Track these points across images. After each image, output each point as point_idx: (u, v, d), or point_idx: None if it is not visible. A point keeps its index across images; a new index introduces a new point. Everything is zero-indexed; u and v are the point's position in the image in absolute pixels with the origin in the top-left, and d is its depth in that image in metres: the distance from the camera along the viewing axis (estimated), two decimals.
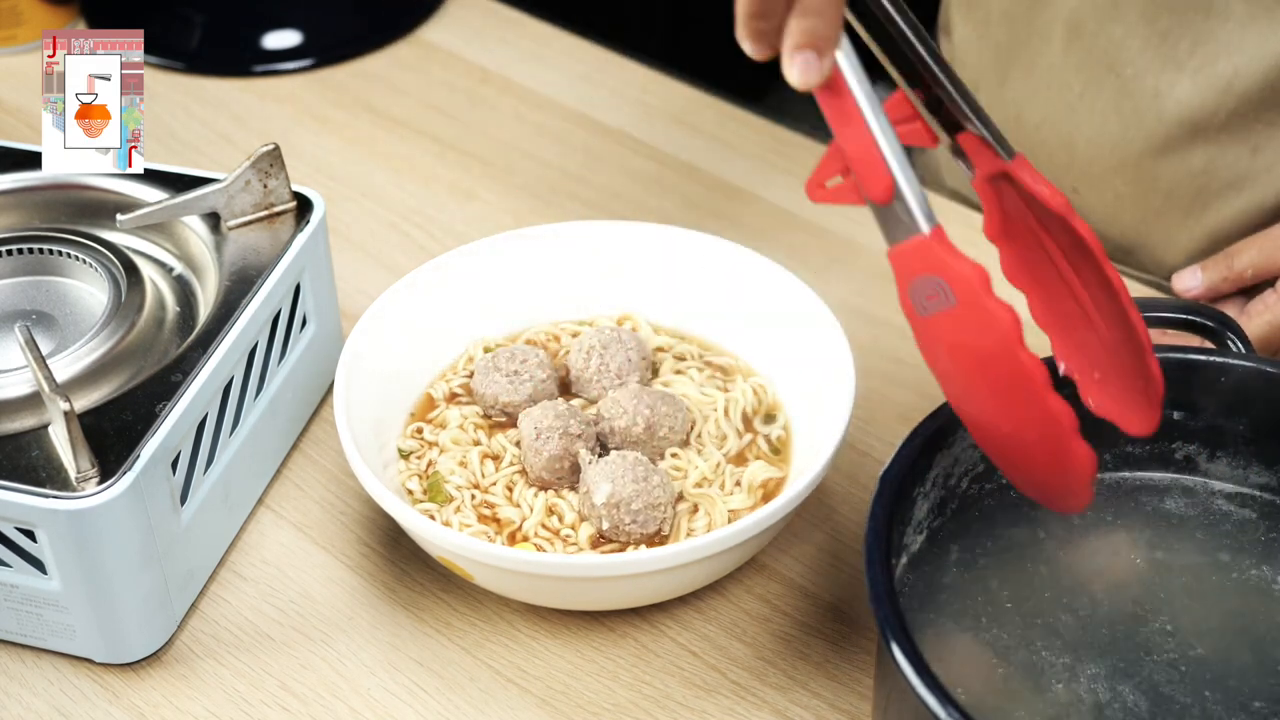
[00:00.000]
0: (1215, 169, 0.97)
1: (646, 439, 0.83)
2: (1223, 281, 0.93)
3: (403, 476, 0.84)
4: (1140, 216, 1.02)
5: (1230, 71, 0.93)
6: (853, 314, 0.94)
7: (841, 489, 0.88)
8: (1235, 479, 0.76)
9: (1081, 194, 1.04)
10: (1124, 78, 0.97)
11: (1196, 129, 0.96)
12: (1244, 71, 0.93)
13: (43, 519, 0.74)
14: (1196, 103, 0.95)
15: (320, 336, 0.92)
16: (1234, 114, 0.95)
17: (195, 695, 0.79)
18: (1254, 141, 0.95)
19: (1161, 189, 1.00)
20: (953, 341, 0.64)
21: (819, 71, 0.62)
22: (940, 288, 0.63)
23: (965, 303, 0.63)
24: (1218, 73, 0.94)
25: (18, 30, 1.24)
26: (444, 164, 1.14)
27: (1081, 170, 1.03)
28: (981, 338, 0.63)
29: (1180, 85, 0.95)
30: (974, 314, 0.63)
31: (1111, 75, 0.97)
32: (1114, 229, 1.04)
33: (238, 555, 0.86)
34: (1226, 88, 0.94)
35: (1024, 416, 0.65)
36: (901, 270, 0.65)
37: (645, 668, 0.80)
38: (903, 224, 0.64)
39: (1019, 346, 0.63)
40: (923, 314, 0.64)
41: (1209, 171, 0.97)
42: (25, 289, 0.88)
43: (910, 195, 0.64)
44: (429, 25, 1.29)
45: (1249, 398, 0.74)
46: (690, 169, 1.13)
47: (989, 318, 0.63)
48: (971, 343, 0.64)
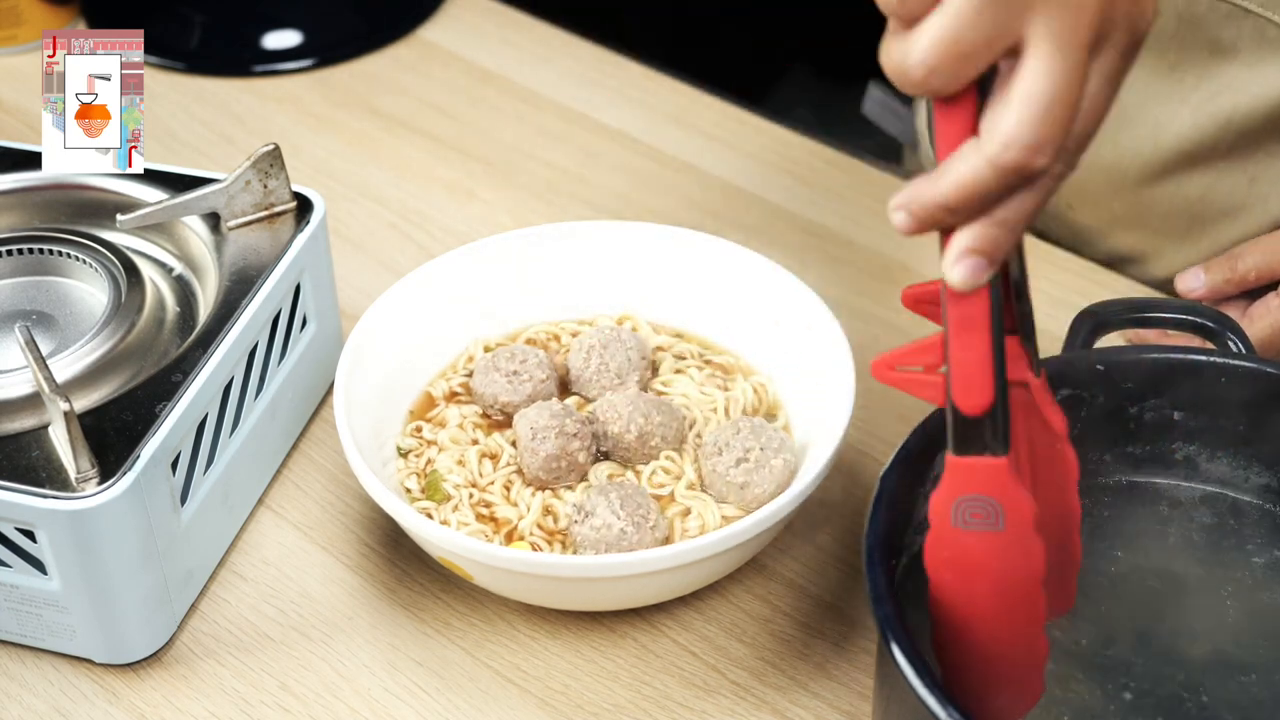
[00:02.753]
0: (1212, 197, 0.97)
1: (638, 446, 0.83)
2: (1226, 283, 0.93)
3: (401, 475, 0.84)
4: (1136, 236, 1.02)
5: (1230, 108, 0.93)
6: (853, 314, 0.94)
7: (841, 489, 0.88)
8: (1235, 479, 0.76)
9: (1077, 210, 1.04)
10: (1125, 105, 0.97)
11: (1194, 159, 0.96)
12: (1244, 109, 0.93)
13: (43, 519, 0.74)
14: (1195, 136, 0.95)
15: (320, 336, 0.92)
16: (1233, 146, 0.94)
17: (195, 695, 0.79)
18: (1251, 171, 0.95)
19: (1158, 213, 0.99)
20: (981, 561, 0.63)
21: (982, 280, 0.59)
22: (993, 510, 0.62)
23: (1014, 532, 0.63)
24: (1218, 108, 0.93)
25: (18, 30, 1.24)
26: (444, 164, 1.14)
27: (1077, 189, 1.03)
28: (1014, 567, 0.63)
29: (1180, 118, 0.95)
30: (1018, 545, 0.63)
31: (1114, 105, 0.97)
32: (1109, 243, 1.04)
33: (238, 555, 0.86)
34: (1226, 123, 0.94)
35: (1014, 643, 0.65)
36: (957, 481, 0.63)
37: (645, 668, 0.80)
38: (981, 440, 0.62)
39: (1040, 584, 0.63)
40: (961, 527, 0.63)
41: (1205, 200, 0.97)
42: (25, 289, 0.88)
43: (1001, 417, 0.61)
44: (429, 25, 1.29)
45: (1249, 398, 0.74)
46: (690, 169, 1.13)
47: (1030, 551, 0.63)
48: (1003, 568, 0.63)
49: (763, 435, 0.81)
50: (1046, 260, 1.05)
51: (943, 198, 0.58)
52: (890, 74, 0.58)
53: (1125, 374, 0.75)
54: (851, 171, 1.13)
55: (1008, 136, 0.56)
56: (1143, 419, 0.76)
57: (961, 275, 0.58)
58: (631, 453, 0.83)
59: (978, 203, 0.58)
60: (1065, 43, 0.56)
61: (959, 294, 0.60)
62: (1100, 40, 0.57)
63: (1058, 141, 0.57)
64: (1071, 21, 0.56)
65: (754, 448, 0.80)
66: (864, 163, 1.14)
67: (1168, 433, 0.76)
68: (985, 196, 0.57)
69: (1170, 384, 0.75)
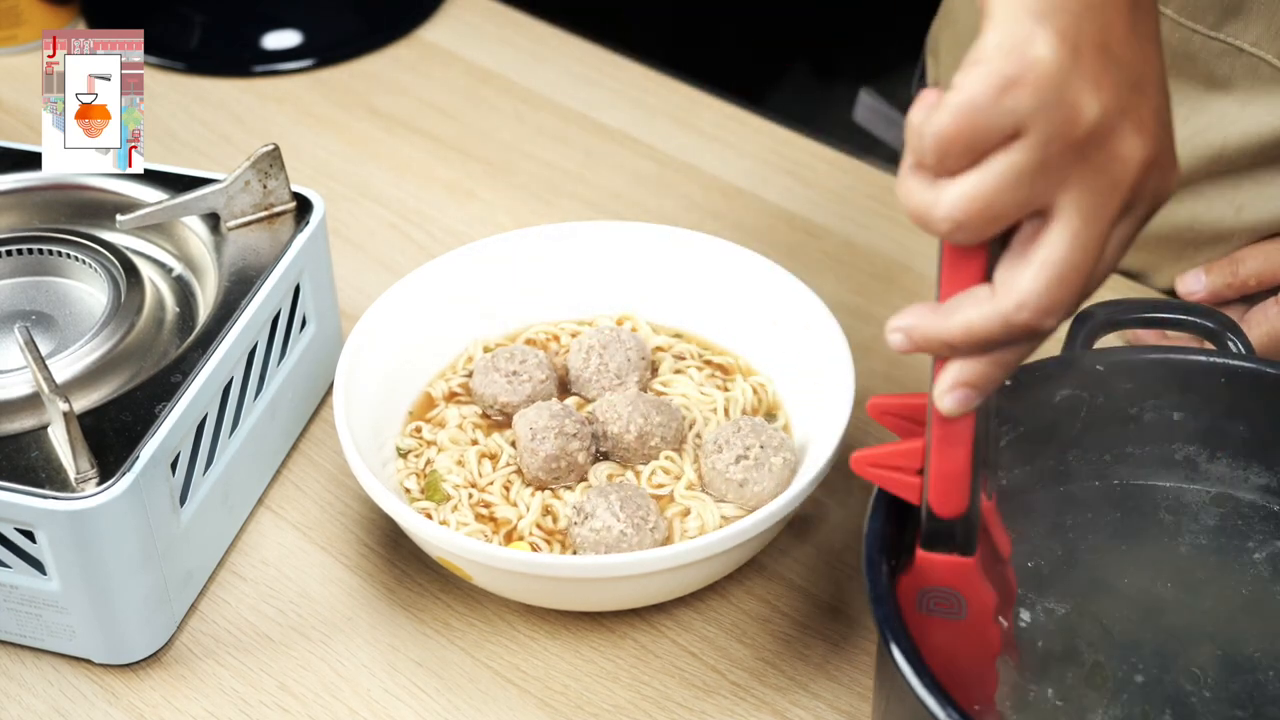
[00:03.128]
0: (1200, 225, 0.97)
1: (637, 447, 0.83)
2: (1226, 288, 0.93)
3: (401, 475, 0.84)
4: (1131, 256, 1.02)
5: (1221, 141, 0.93)
6: (852, 314, 0.94)
7: (841, 489, 0.88)
8: (1235, 480, 0.76)
9: None
10: None
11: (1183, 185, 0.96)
12: (1235, 143, 0.93)
13: (42, 520, 0.74)
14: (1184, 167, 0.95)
15: (320, 337, 0.92)
16: (1221, 175, 0.95)
17: (195, 696, 0.79)
18: (1239, 201, 0.95)
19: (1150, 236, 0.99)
20: (941, 642, 0.66)
21: (972, 407, 0.61)
22: (957, 601, 0.67)
23: (974, 621, 0.67)
24: (1209, 142, 0.94)
25: (18, 30, 1.24)
26: (444, 164, 1.14)
27: None
28: (969, 649, 0.68)
29: None
30: (977, 631, 0.67)
31: None
32: None
33: (237, 556, 0.86)
34: (1216, 156, 0.94)
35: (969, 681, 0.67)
36: (926, 573, 0.66)
37: (645, 669, 0.80)
38: (951, 540, 0.65)
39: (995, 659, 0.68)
40: (923, 611, 0.67)
41: (1193, 227, 0.97)
42: (25, 289, 0.88)
43: (974, 522, 0.65)
44: (429, 25, 1.29)
45: (1249, 399, 0.74)
46: (690, 169, 1.13)
47: (987, 638, 0.68)
48: (959, 647, 0.67)
49: (763, 434, 0.81)
50: None
51: (949, 336, 0.59)
52: (909, 211, 0.58)
53: (1125, 374, 0.75)
54: (851, 171, 1.13)
55: (1024, 297, 0.57)
56: (1143, 419, 0.76)
57: (952, 404, 0.61)
58: (631, 453, 0.83)
59: (980, 348, 0.59)
60: (1095, 217, 0.57)
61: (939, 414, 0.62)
62: (1125, 212, 0.59)
63: (1070, 306, 0.59)
64: (1105, 198, 0.57)
65: (754, 446, 0.80)
66: (864, 163, 1.14)
67: (1168, 433, 0.76)
68: (989, 345, 0.59)
69: (1170, 384, 0.75)
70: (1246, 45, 0.90)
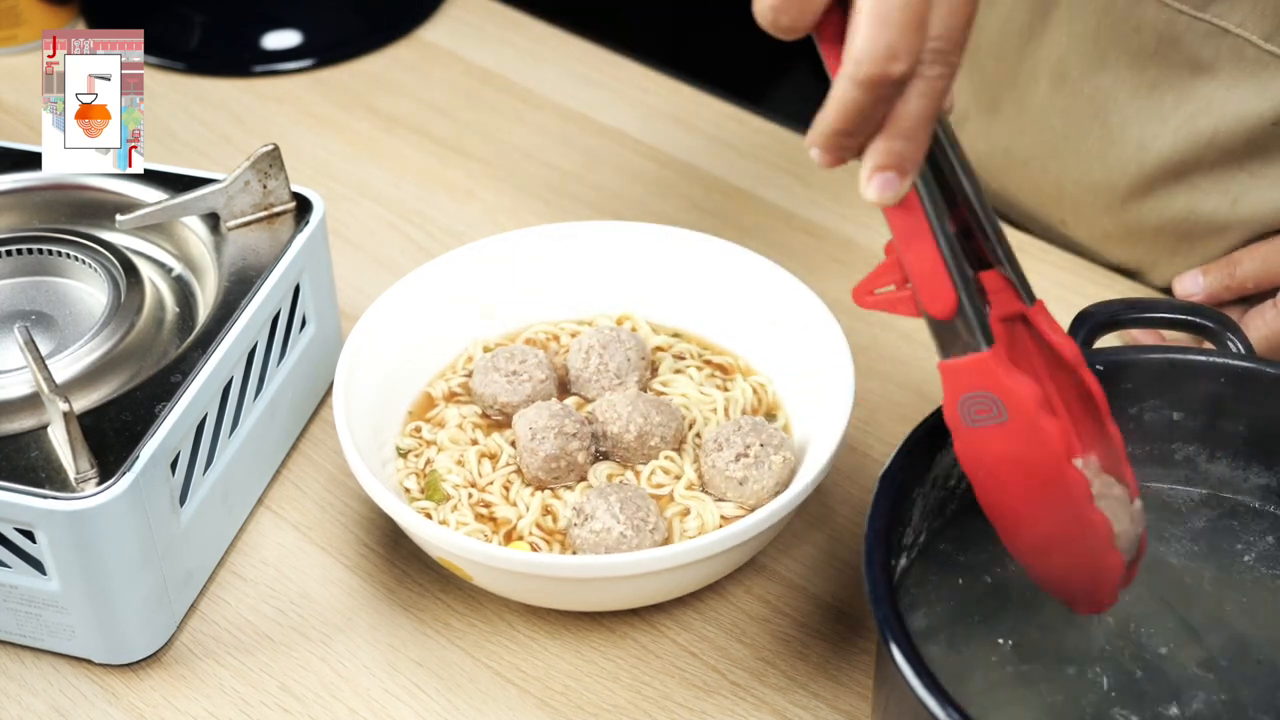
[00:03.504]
0: (1196, 217, 0.97)
1: (637, 446, 0.83)
2: (1224, 290, 0.94)
3: (400, 475, 0.84)
4: (1128, 251, 1.02)
5: (1211, 128, 0.93)
6: (852, 314, 0.94)
7: (841, 489, 0.88)
8: (1235, 480, 0.76)
9: (1071, 227, 1.04)
10: (1109, 126, 0.97)
11: (1179, 175, 0.96)
12: (1224, 130, 0.93)
13: (42, 519, 0.74)
14: (1178, 157, 0.95)
15: (320, 336, 0.92)
16: (1215, 164, 0.95)
17: (195, 695, 0.79)
18: (1234, 192, 0.95)
19: (1148, 229, 1.00)
20: (999, 453, 0.65)
21: (898, 193, 0.62)
22: (993, 403, 0.65)
23: (1017, 419, 0.64)
24: (1199, 129, 0.94)
25: (18, 30, 1.24)
26: (444, 164, 1.14)
27: (1070, 207, 1.03)
28: (1031, 452, 0.65)
29: (1163, 138, 0.95)
30: (1026, 430, 0.65)
31: (1097, 123, 0.98)
32: (1103, 258, 1.04)
33: (237, 555, 0.86)
34: (1208, 143, 0.94)
35: (1064, 526, 0.66)
36: (953, 383, 0.66)
37: (645, 668, 0.80)
38: (960, 340, 0.65)
39: (1067, 462, 0.65)
40: (971, 425, 0.66)
41: (1190, 220, 0.97)
42: (25, 289, 0.88)
43: (971, 313, 0.64)
44: (429, 25, 1.29)
45: (1249, 398, 0.74)
46: (690, 169, 1.13)
47: (1041, 434, 0.64)
48: (1019, 455, 0.65)
49: (763, 433, 0.81)
50: (1046, 260, 1.05)
51: (831, 123, 0.61)
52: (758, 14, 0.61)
53: (1125, 374, 0.75)
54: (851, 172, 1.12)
55: (858, 52, 0.59)
56: (1143, 419, 0.76)
57: (877, 191, 0.62)
58: (631, 453, 0.83)
59: (863, 120, 0.61)
60: None
61: (894, 212, 0.63)
62: None
63: (910, 44, 0.59)
64: None
65: (754, 444, 0.81)
66: None
67: (1168, 433, 0.76)
68: (865, 112, 0.60)
69: (1170, 384, 0.75)
70: (1231, 26, 0.90)
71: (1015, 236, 1.06)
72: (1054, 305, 0.96)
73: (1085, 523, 0.66)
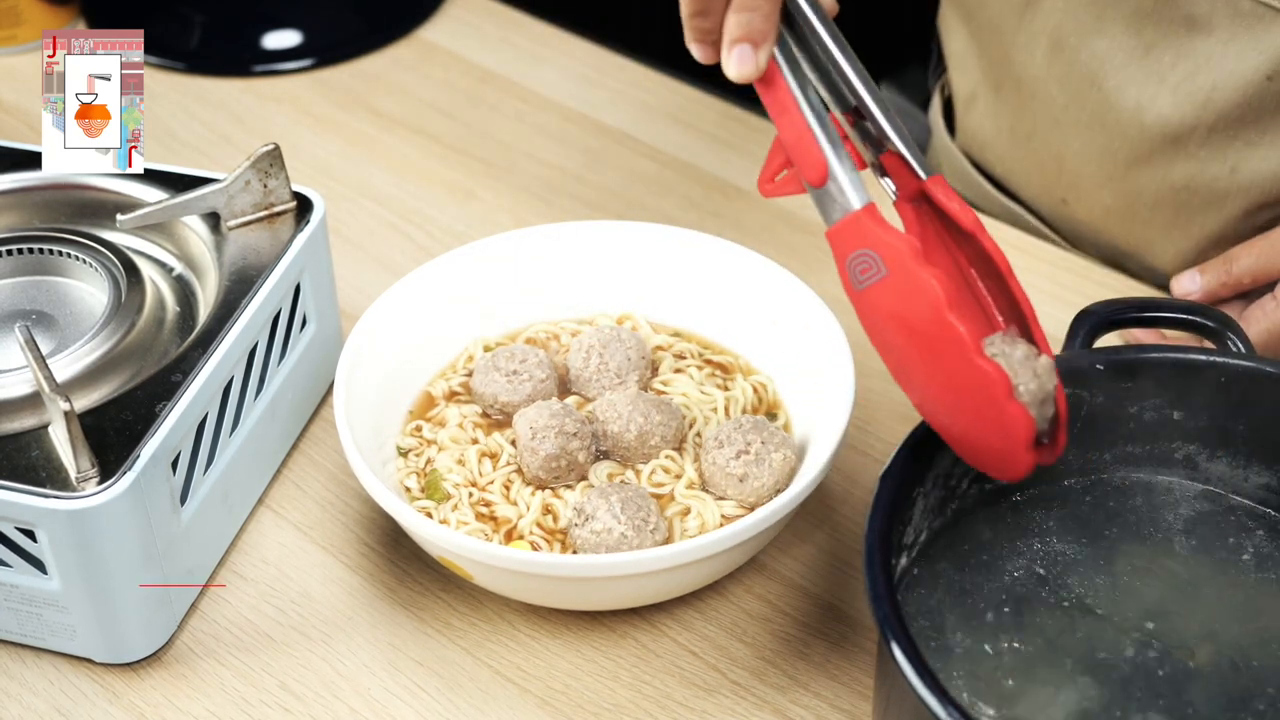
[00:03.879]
0: (1195, 186, 0.97)
1: (637, 446, 0.83)
2: (1221, 287, 0.94)
3: (401, 474, 0.84)
4: (1128, 228, 1.03)
5: (1209, 86, 0.94)
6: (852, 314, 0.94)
7: (841, 489, 0.88)
8: (1235, 479, 0.76)
9: (1070, 205, 1.05)
10: (1105, 90, 0.98)
11: (1177, 141, 0.97)
12: (1222, 87, 0.93)
13: (43, 519, 0.74)
14: (1176, 118, 0.96)
15: (320, 336, 0.92)
16: (1212, 130, 0.95)
17: (195, 695, 0.79)
18: (1232, 160, 0.95)
19: (1146, 202, 1.00)
20: (887, 310, 0.67)
21: (754, 64, 0.67)
22: (872, 259, 0.67)
23: (895, 271, 0.67)
24: (1197, 87, 0.94)
25: (18, 30, 1.24)
26: (444, 164, 1.14)
27: (1070, 183, 1.04)
28: (912, 304, 0.66)
29: (1161, 99, 0.96)
30: (904, 281, 0.66)
31: (1094, 89, 0.99)
32: (1104, 237, 1.05)
33: (238, 555, 0.86)
34: (1205, 102, 0.94)
35: (958, 380, 0.66)
36: (839, 249, 0.69)
37: (645, 668, 0.80)
38: (837, 204, 0.68)
39: (947, 310, 0.65)
40: (859, 288, 0.68)
41: (1189, 188, 0.98)
42: (25, 289, 0.88)
43: (843, 175, 0.68)
44: (429, 25, 1.29)
45: (1249, 398, 0.74)
46: (690, 169, 1.13)
47: (918, 283, 0.66)
48: (904, 310, 0.67)
49: (763, 431, 0.81)
50: (1046, 260, 1.05)
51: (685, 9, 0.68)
52: None
53: (1125, 374, 0.75)
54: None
55: None
56: (1143, 419, 0.76)
57: (736, 66, 0.68)
58: (631, 452, 0.83)
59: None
60: None
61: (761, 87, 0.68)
62: None
63: None
64: None
65: (754, 442, 0.81)
66: None
67: (1168, 432, 0.76)
68: None
69: (1170, 383, 0.75)
70: None
71: (1016, 237, 1.07)
72: (1054, 305, 0.96)
73: (976, 372, 0.65)
